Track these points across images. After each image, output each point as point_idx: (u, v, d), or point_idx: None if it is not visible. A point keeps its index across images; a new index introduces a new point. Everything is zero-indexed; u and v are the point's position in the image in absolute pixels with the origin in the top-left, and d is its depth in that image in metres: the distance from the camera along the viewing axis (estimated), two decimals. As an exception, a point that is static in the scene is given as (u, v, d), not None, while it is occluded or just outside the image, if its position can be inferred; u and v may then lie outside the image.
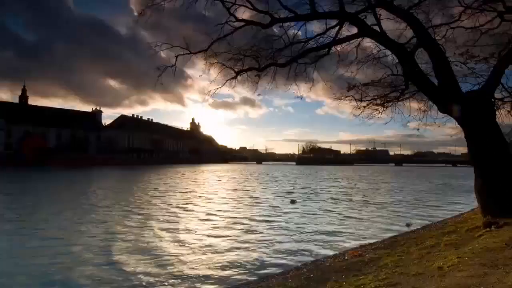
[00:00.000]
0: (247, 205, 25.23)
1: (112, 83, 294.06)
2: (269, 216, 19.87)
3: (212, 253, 12.05)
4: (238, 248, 12.67)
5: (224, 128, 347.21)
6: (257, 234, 15.11)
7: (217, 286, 9.20)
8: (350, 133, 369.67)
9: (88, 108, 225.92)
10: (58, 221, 17.59)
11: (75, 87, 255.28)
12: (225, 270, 10.30)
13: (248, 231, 15.60)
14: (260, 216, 19.89)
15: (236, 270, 10.30)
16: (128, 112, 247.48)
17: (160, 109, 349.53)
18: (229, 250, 12.48)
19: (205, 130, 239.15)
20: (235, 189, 38.37)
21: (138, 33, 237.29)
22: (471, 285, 5.19)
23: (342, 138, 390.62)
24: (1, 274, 9.77)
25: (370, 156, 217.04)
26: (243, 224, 17.32)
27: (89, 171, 79.77)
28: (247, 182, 51.72)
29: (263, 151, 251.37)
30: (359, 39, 13.42)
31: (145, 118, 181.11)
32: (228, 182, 50.49)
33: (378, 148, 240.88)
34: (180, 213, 20.77)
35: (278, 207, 23.75)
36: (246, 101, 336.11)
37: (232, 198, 29.27)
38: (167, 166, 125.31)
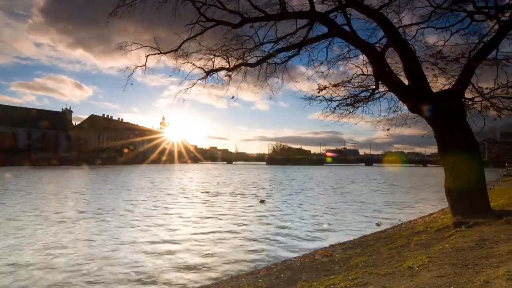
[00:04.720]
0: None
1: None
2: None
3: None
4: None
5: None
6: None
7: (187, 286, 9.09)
8: (292, 129, 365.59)
9: None
10: None
11: None
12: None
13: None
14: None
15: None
16: None
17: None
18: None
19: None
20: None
21: None
22: (441, 285, 5.12)
23: (286, 135, 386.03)
24: None
25: (340, 156, 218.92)
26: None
27: (46, 171, 78.36)
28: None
29: (234, 151, 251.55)
30: (329, 39, 13.37)
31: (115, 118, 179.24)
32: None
33: (348, 148, 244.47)
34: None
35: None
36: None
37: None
38: (137, 166, 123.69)
